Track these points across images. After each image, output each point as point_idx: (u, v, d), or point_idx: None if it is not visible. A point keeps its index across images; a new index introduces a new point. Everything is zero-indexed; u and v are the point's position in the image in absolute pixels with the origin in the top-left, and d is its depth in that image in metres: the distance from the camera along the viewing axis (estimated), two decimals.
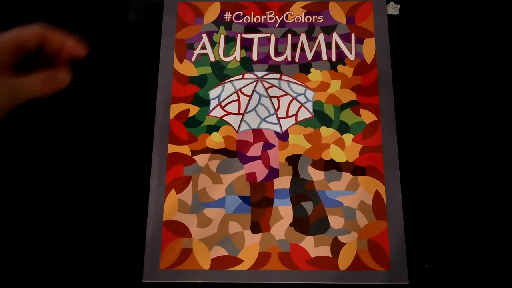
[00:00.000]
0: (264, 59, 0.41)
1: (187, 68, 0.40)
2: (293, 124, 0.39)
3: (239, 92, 0.40)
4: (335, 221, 0.36)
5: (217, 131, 0.39)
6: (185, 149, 0.38)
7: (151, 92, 0.40)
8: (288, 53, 0.41)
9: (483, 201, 0.37)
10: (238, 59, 0.41)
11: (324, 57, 0.41)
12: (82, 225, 0.37)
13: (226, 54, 0.41)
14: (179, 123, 0.39)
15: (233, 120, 0.39)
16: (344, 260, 0.35)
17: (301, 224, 0.36)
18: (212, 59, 0.41)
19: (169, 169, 0.38)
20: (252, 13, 0.42)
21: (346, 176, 0.37)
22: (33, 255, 0.37)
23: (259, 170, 0.38)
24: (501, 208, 0.37)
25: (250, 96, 0.40)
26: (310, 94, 0.40)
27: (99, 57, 0.42)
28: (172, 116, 0.39)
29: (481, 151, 0.38)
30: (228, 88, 0.40)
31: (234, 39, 0.41)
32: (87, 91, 0.41)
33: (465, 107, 0.40)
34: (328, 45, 0.41)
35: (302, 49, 0.41)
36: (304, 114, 0.39)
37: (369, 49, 0.41)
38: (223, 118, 0.39)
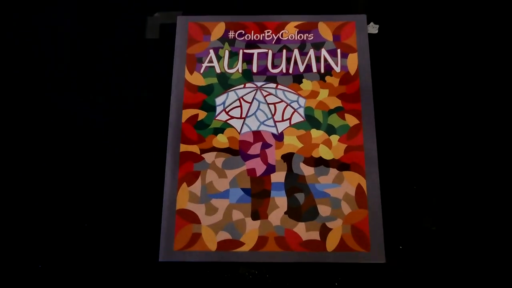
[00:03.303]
0: (263, 71, 0.41)
1: (197, 79, 0.41)
2: (287, 127, 0.40)
3: (241, 99, 0.41)
4: (323, 210, 0.37)
5: (222, 133, 0.39)
6: (195, 148, 0.39)
7: (165, 99, 0.41)
8: (283, 66, 0.41)
9: (448, 192, 0.38)
10: (240, 71, 0.41)
11: (314, 69, 0.41)
12: (108, 213, 0.38)
13: (230, 66, 0.42)
14: (190, 126, 0.40)
15: (236, 123, 0.40)
16: (331, 243, 0.36)
17: (294, 212, 0.37)
18: (218, 71, 0.41)
19: (181, 165, 0.38)
20: (252, 31, 0.43)
21: (333, 171, 0.38)
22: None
23: (258, 166, 0.38)
24: (464, 197, 0.38)
25: (251, 103, 0.40)
26: (302, 101, 0.40)
27: (122, 70, 0.43)
28: (183, 120, 0.40)
29: (447, 149, 0.39)
30: (231, 96, 0.41)
31: (237, 54, 0.42)
32: (111, 99, 0.42)
33: (435, 111, 0.41)
34: (318, 59, 0.42)
35: (295, 62, 0.42)
36: (297, 118, 0.40)
37: (353, 62, 0.41)
38: (227, 121, 0.40)
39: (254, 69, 0.41)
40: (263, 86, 0.41)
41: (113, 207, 0.38)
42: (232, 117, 0.40)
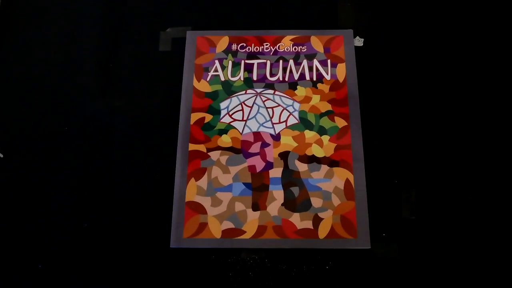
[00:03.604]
0: (262, 79, 0.43)
1: (204, 86, 0.43)
2: (283, 128, 0.41)
3: (242, 104, 0.42)
4: (316, 202, 0.39)
5: (226, 134, 0.41)
6: (202, 147, 0.41)
7: (176, 104, 0.43)
8: (280, 74, 0.43)
9: (426, 186, 0.40)
10: (242, 79, 0.43)
11: (307, 77, 0.43)
12: (125, 205, 0.39)
13: (233, 75, 0.43)
14: (197, 127, 0.41)
15: (238, 125, 0.41)
16: (323, 231, 0.38)
17: (290, 204, 0.39)
18: (222, 79, 0.43)
19: (190, 162, 0.40)
20: (253, 44, 0.45)
21: (324, 168, 0.40)
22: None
23: (258, 163, 0.40)
24: (440, 190, 0.40)
25: (251, 107, 0.42)
26: (296, 105, 0.42)
27: (138, 78, 0.45)
28: (192, 122, 0.41)
29: (425, 147, 0.41)
30: (234, 101, 0.42)
31: (239, 64, 0.44)
32: (129, 103, 0.44)
33: (415, 113, 0.42)
34: (310, 68, 0.43)
35: (291, 71, 0.43)
36: (292, 121, 0.42)
37: (341, 71, 0.43)
38: (231, 123, 0.41)
39: (254, 77, 0.43)
40: (262, 92, 0.43)
41: (130, 200, 0.40)
42: (234, 120, 0.41)
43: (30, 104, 0.44)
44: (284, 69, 0.44)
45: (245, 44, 0.45)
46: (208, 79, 0.44)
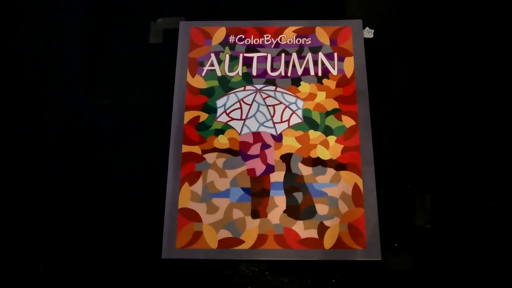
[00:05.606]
0: (262, 74, 0.42)
1: (198, 82, 0.42)
2: (286, 128, 0.40)
3: (241, 101, 0.41)
4: (321, 208, 0.37)
5: (223, 134, 0.40)
6: (196, 149, 0.39)
7: (168, 101, 0.41)
8: (282, 69, 0.42)
9: (442, 191, 0.39)
10: (240, 74, 0.42)
11: (312, 72, 0.42)
12: (113, 212, 0.38)
13: (231, 70, 0.42)
14: (192, 127, 0.40)
15: (236, 124, 0.40)
16: (329, 241, 0.37)
17: (293, 211, 0.37)
18: (219, 74, 0.42)
19: (183, 165, 0.39)
20: (252, 36, 0.43)
21: (330, 171, 0.39)
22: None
23: (258, 166, 0.39)
24: (458, 196, 0.39)
25: (250, 105, 0.41)
26: (300, 103, 0.41)
27: (126, 73, 0.44)
28: (185, 121, 0.40)
29: (441, 149, 0.40)
30: (232, 98, 0.41)
31: (237, 58, 0.43)
32: (116, 101, 0.43)
33: (429, 112, 0.41)
34: (315, 63, 0.42)
35: (294, 65, 0.42)
36: (295, 120, 0.40)
37: (349, 66, 0.42)
38: (228, 123, 0.40)
39: (254, 72, 0.42)
40: (263, 89, 0.42)
41: (117, 206, 0.39)
42: (232, 119, 0.40)
43: (6, 102, 0.43)
44: (287, 63, 0.43)
45: (243, 36, 0.44)
46: (203, 74, 0.43)
